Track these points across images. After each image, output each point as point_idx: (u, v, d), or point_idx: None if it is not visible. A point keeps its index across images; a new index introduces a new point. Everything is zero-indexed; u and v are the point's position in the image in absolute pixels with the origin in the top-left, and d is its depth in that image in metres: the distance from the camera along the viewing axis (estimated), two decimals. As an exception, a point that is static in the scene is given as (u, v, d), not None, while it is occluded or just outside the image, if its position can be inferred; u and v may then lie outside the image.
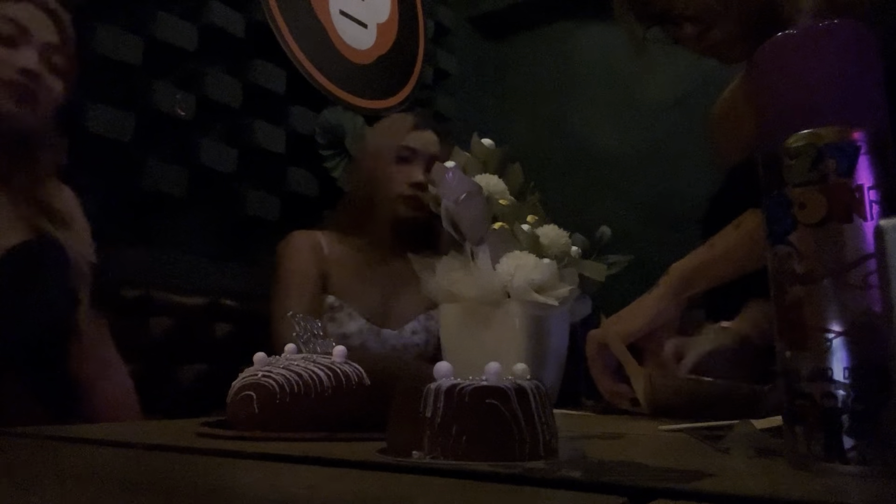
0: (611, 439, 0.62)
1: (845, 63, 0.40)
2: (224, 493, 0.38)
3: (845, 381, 0.37)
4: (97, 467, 0.48)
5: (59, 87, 1.07)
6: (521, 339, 0.72)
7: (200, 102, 1.79)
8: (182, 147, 1.77)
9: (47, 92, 1.04)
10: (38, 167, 1.07)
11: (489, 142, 0.86)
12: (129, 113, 1.62)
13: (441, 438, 0.43)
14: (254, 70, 1.93)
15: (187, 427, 0.61)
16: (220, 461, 0.47)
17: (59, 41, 1.07)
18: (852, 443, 0.36)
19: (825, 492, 0.34)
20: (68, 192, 1.13)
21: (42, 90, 1.03)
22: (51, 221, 1.05)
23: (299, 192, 2.05)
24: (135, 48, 1.65)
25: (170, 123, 1.73)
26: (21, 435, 0.62)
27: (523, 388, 0.45)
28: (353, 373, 0.62)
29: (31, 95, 1.02)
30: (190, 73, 1.80)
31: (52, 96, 1.06)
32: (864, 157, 0.38)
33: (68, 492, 0.37)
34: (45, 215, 1.05)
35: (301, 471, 0.43)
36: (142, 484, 0.40)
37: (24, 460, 0.50)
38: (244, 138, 1.91)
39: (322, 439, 0.54)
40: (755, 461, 0.44)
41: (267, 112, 1.98)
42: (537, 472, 0.39)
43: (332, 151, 2.14)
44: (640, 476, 0.37)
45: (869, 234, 0.37)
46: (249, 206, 1.90)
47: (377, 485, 0.38)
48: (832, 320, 0.37)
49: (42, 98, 1.03)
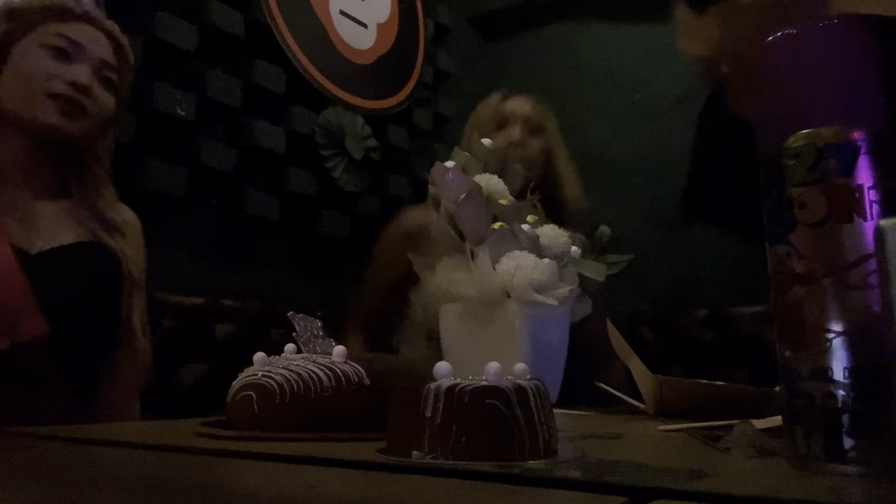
0: (611, 439, 0.62)
1: (845, 63, 0.40)
2: (224, 493, 0.37)
3: (845, 381, 0.37)
4: (97, 467, 0.48)
5: (110, 102, 1.12)
6: (521, 339, 0.72)
7: (200, 102, 1.79)
8: (182, 147, 1.77)
9: (97, 105, 1.09)
10: (91, 177, 1.12)
11: (489, 142, 0.86)
12: (130, 113, 1.62)
13: (441, 438, 0.43)
14: (254, 70, 1.93)
15: (187, 427, 0.61)
16: (220, 461, 0.47)
17: (114, 60, 1.12)
18: (852, 443, 0.36)
19: (825, 492, 0.34)
20: (130, 212, 1.19)
21: (91, 104, 1.08)
22: (107, 231, 1.10)
23: (299, 192, 2.05)
24: (135, 48, 1.65)
25: (170, 123, 1.73)
26: (21, 435, 0.62)
27: (523, 388, 0.45)
28: (353, 373, 0.62)
29: (78, 108, 1.06)
30: (190, 73, 1.80)
31: (103, 110, 1.10)
32: (864, 157, 0.38)
33: (68, 492, 0.37)
34: (100, 224, 1.10)
35: (301, 471, 0.43)
36: (142, 484, 0.40)
37: (23, 460, 0.50)
38: (244, 138, 1.91)
39: (322, 439, 0.54)
40: (755, 461, 0.44)
41: (267, 112, 1.98)
42: (537, 472, 0.39)
43: (332, 151, 2.14)
44: (641, 476, 0.37)
45: (869, 234, 0.37)
46: (249, 206, 1.90)
47: (377, 485, 0.38)
48: (832, 320, 0.37)
49: (91, 111, 1.08)
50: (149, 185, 1.66)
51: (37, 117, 1.03)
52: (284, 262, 2.07)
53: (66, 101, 1.04)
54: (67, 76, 1.04)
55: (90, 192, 1.11)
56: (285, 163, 2.02)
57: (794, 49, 0.42)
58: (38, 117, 1.03)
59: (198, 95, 1.78)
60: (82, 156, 1.11)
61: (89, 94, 1.06)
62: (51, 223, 1.06)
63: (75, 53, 1.06)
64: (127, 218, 1.17)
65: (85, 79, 1.05)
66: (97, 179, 1.13)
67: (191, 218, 1.81)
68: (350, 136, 2.16)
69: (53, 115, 1.03)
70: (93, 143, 1.12)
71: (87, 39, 1.08)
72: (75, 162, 1.11)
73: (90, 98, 1.06)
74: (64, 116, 1.05)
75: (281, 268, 2.06)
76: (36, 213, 1.06)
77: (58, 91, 1.03)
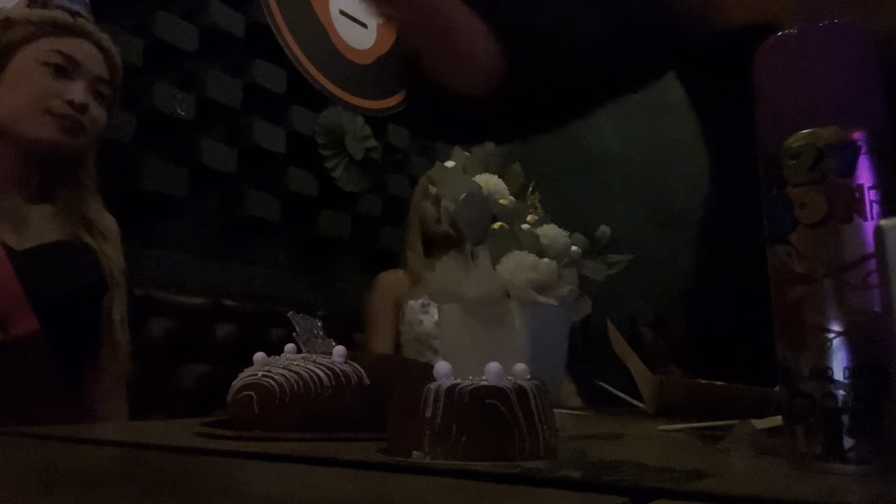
0: (611, 439, 0.62)
1: (845, 63, 0.40)
2: (224, 493, 0.37)
3: (845, 381, 0.37)
4: (96, 467, 0.48)
5: (103, 116, 1.16)
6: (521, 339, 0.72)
7: (200, 102, 1.79)
8: (182, 147, 1.77)
9: (92, 122, 1.13)
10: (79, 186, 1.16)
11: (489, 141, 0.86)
12: (130, 113, 1.62)
13: (441, 438, 0.43)
14: (254, 70, 1.93)
15: (187, 427, 0.61)
16: (220, 461, 0.47)
17: (108, 74, 1.16)
18: (852, 443, 0.36)
19: (825, 492, 0.34)
20: (111, 219, 1.23)
21: (88, 120, 1.12)
22: (88, 233, 1.14)
23: (299, 192, 2.05)
24: (135, 48, 1.65)
25: (170, 123, 1.73)
26: (21, 435, 0.62)
27: (523, 388, 0.45)
28: (353, 373, 0.62)
29: (78, 126, 1.10)
30: (190, 73, 1.80)
31: (97, 125, 1.15)
32: (864, 157, 0.38)
33: (68, 492, 0.37)
34: (84, 227, 1.14)
35: (301, 471, 0.43)
36: (142, 484, 0.40)
37: (23, 460, 0.50)
38: (244, 138, 1.91)
39: (322, 439, 0.54)
40: (755, 461, 0.44)
41: (267, 112, 1.98)
42: (537, 472, 0.39)
43: (332, 151, 2.14)
44: (641, 476, 0.37)
45: (869, 234, 0.37)
46: (249, 206, 1.90)
47: (377, 485, 0.38)
48: (832, 320, 0.37)
49: (88, 127, 1.12)
50: (149, 185, 1.66)
51: (36, 134, 1.07)
52: (284, 262, 2.07)
53: (66, 118, 1.08)
54: (66, 94, 1.08)
55: (75, 199, 1.15)
56: (285, 163, 2.02)
57: (794, 49, 0.42)
58: (38, 134, 1.07)
59: (198, 95, 1.78)
60: (69, 165, 1.15)
61: (86, 112, 1.09)
62: (38, 225, 1.10)
63: (72, 70, 1.10)
64: (109, 225, 1.20)
65: (82, 97, 1.09)
66: (82, 187, 1.17)
67: (191, 218, 1.81)
68: (350, 136, 2.16)
69: (53, 132, 1.08)
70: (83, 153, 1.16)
71: (83, 56, 1.12)
72: (62, 170, 1.15)
73: (86, 115, 1.10)
74: (62, 133, 1.09)
75: (281, 268, 2.06)
76: (25, 216, 1.09)
77: (58, 111, 1.08)
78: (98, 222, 1.16)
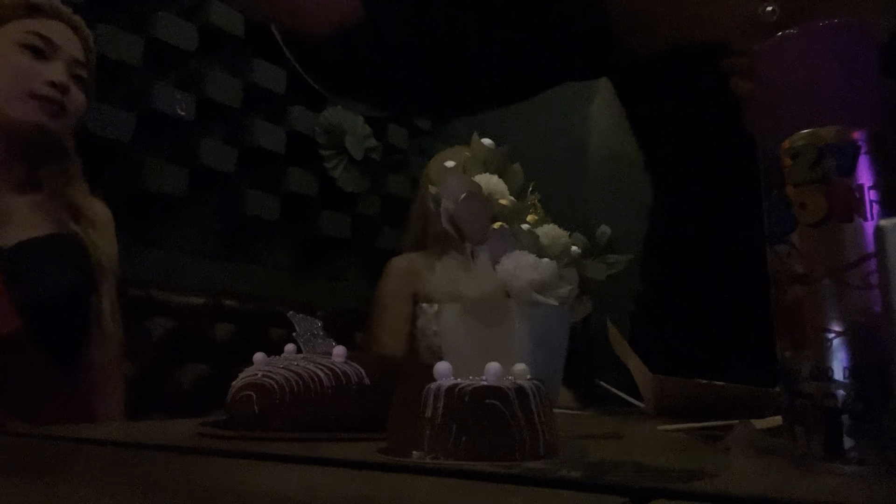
0: (611, 439, 0.62)
1: (845, 63, 0.40)
2: (224, 493, 0.37)
3: (845, 381, 0.37)
4: (96, 467, 0.48)
5: (82, 99, 1.15)
6: (521, 339, 0.72)
7: (200, 102, 1.79)
8: (182, 147, 1.77)
9: (73, 104, 1.12)
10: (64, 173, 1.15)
11: (489, 142, 0.86)
12: (130, 113, 1.62)
13: (441, 438, 0.43)
14: (254, 70, 1.93)
15: (187, 427, 0.61)
16: (220, 461, 0.47)
17: (83, 57, 1.15)
18: (852, 443, 0.36)
19: (825, 492, 0.34)
20: (101, 205, 1.21)
21: (69, 102, 1.11)
22: (76, 222, 1.12)
23: (299, 192, 2.05)
24: (135, 48, 1.65)
25: (170, 123, 1.73)
26: (20, 434, 0.62)
27: (523, 388, 0.45)
28: (353, 373, 0.62)
29: (61, 108, 1.10)
30: (190, 73, 1.80)
31: (77, 108, 1.14)
32: (864, 157, 0.38)
33: (67, 491, 0.37)
34: (71, 216, 1.13)
35: (301, 471, 0.43)
36: (142, 484, 0.40)
37: (23, 460, 0.50)
38: (244, 138, 1.91)
39: (322, 439, 0.54)
40: (755, 461, 0.44)
41: (267, 112, 1.98)
42: (537, 472, 0.39)
43: (332, 151, 2.14)
44: (640, 476, 0.37)
45: (869, 234, 0.37)
46: (249, 206, 1.90)
47: (377, 485, 0.38)
48: (832, 320, 0.37)
49: (69, 109, 1.11)
50: (149, 185, 1.66)
51: (21, 117, 1.05)
52: (284, 262, 2.07)
53: (48, 100, 1.07)
54: (46, 75, 1.06)
55: (61, 186, 1.13)
56: (285, 163, 2.02)
57: (794, 49, 0.42)
58: (23, 117, 1.05)
59: (198, 95, 1.78)
60: (53, 151, 1.13)
61: (67, 92, 1.08)
62: (23, 217, 1.09)
63: (50, 52, 1.08)
64: (98, 210, 1.19)
65: (62, 77, 1.08)
66: (67, 174, 1.15)
67: (191, 218, 1.81)
68: (350, 136, 2.16)
69: (38, 115, 1.07)
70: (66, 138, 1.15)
71: (59, 37, 1.11)
72: (46, 157, 1.13)
73: (68, 96, 1.09)
74: (47, 115, 1.08)
75: (281, 268, 2.06)
76: (9, 208, 1.08)
77: (40, 92, 1.06)
78: (84, 208, 1.15)
